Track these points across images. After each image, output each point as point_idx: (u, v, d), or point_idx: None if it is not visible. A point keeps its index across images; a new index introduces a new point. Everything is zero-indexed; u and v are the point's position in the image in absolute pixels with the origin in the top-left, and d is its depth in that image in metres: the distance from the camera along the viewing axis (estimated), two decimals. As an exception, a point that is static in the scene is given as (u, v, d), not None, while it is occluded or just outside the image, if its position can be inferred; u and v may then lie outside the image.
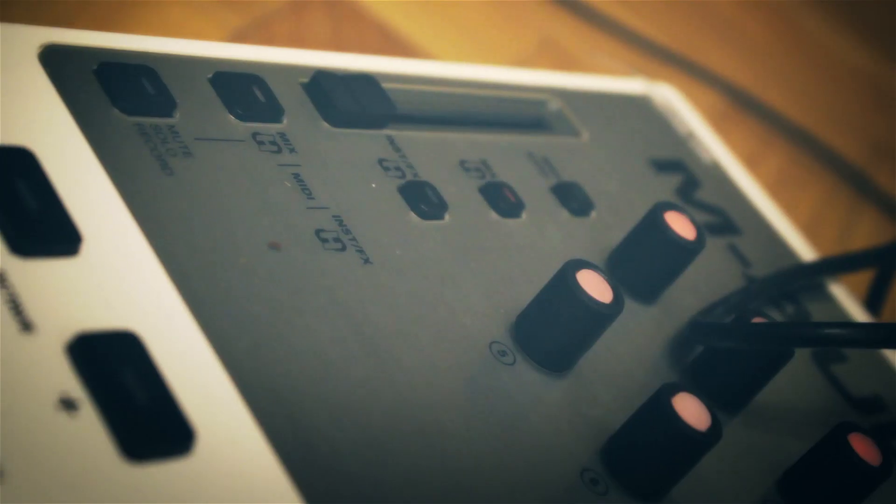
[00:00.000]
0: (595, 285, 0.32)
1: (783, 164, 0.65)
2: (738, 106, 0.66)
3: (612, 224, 0.39)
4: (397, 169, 0.35)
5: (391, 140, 0.36)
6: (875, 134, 0.74)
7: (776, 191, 0.54)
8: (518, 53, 0.58)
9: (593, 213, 0.39)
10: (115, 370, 0.25)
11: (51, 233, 0.26)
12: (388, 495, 0.27)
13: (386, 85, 0.36)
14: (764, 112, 0.67)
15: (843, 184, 0.67)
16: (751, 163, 0.57)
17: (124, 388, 0.25)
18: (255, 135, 0.33)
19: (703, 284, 0.39)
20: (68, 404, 0.24)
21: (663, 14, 0.70)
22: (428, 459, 0.28)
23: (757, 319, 0.35)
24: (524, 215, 0.37)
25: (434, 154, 0.36)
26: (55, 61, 0.30)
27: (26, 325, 0.25)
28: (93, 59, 0.31)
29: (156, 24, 0.44)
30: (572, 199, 0.39)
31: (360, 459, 0.27)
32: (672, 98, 0.48)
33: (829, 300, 0.44)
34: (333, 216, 0.32)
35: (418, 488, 0.27)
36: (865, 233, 0.63)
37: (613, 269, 0.37)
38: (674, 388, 0.31)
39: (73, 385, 0.24)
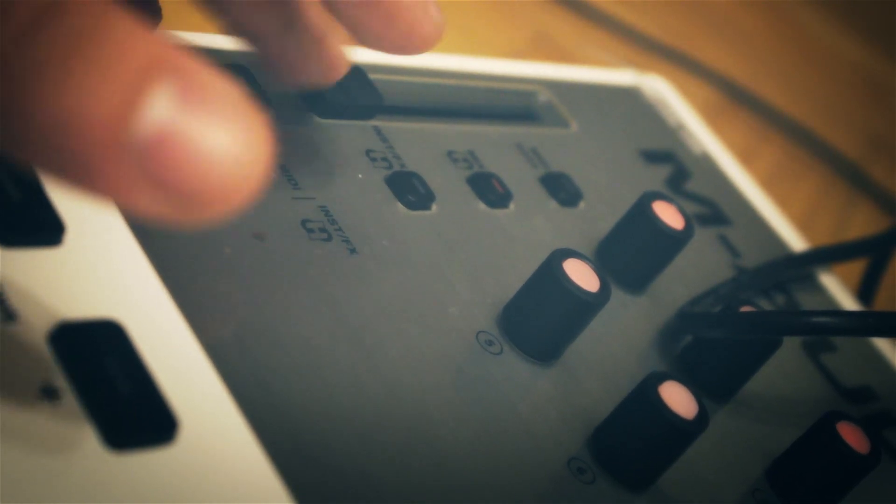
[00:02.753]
0: (582, 274, 0.32)
1: (779, 157, 0.65)
2: (734, 100, 0.66)
3: (600, 214, 0.39)
4: (384, 160, 0.35)
5: (378, 131, 0.36)
6: (870, 128, 0.74)
7: (772, 184, 0.54)
8: (511, 48, 0.58)
9: (582, 204, 0.39)
10: (97, 359, 0.25)
11: (33, 222, 0.26)
12: (374, 485, 0.27)
13: (373, 76, 0.36)
14: (759, 106, 0.67)
15: (838, 177, 0.67)
16: (746, 157, 0.57)
17: (107, 377, 0.25)
18: (240, 126, 0.32)
19: (692, 274, 0.39)
20: (50, 393, 0.24)
21: (659, 9, 0.70)
22: (414, 448, 0.28)
23: (745, 309, 0.35)
24: (512, 206, 0.37)
25: (421, 145, 0.36)
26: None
27: (8, 315, 0.25)
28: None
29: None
30: (561, 189, 0.39)
31: (345, 449, 0.27)
32: (662, 89, 0.48)
33: (821, 290, 0.44)
34: (319, 206, 0.32)
35: (404, 477, 0.27)
36: (860, 226, 0.63)
37: (602, 259, 0.37)
38: (661, 377, 0.31)
39: (55, 374, 0.24)
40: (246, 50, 0.32)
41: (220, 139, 0.20)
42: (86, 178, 0.20)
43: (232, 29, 0.31)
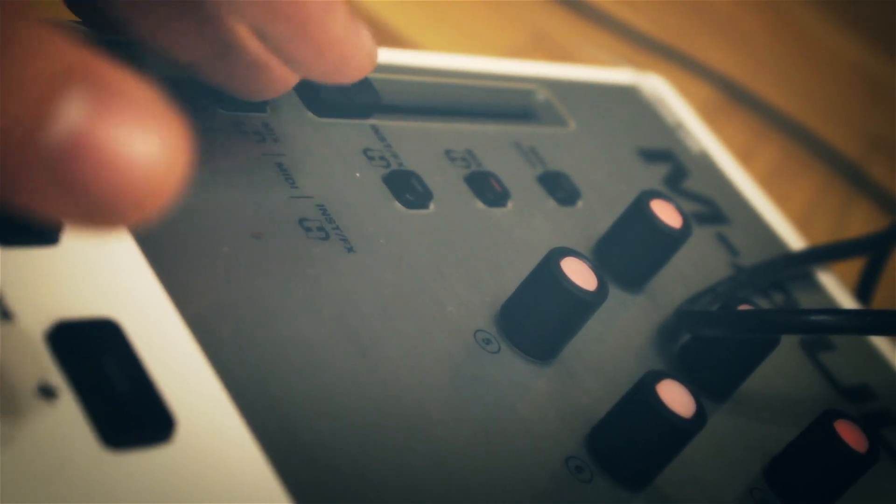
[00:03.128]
0: (579, 273, 0.32)
1: (777, 156, 0.65)
2: (733, 99, 0.66)
3: (598, 213, 0.39)
4: (382, 158, 0.35)
5: (376, 130, 0.36)
6: (869, 127, 0.74)
7: (770, 183, 0.54)
8: (509, 46, 0.58)
9: (580, 203, 0.39)
10: (94, 358, 0.25)
11: (31, 222, 0.26)
12: (372, 484, 0.27)
13: (371, 74, 0.36)
14: (758, 105, 0.67)
15: (837, 176, 0.67)
16: (745, 155, 0.57)
17: (104, 376, 0.25)
18: (238, 124, 0.33)
19: (690, 273, 0.39)
20: (47, 392, 0.24)
21: (658, 8, 0.70)
22: (411, 447, 0.28)
23: (744, 307, 0.35)
24: (510, 204, 0.37)
25: (419, 144, 0.36)
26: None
27: (5, 314, 0.25)
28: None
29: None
30: (559, 188, 0.39)
31: (343, 448, 0.27)
32: (661, 88, 0.48)
33: (819, 289, 0.44)
34: (317, 205, 0.32)
35: (402, 476, 0.27)
36: (859, 225, 0.63)
37: (600, 258, 0.37)
38: (658, 375, 0.31)
39: (52, 373, 0.24)
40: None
41: (133, 145, 0.19)
42: (1, 187, 0.20)
43: (166, 58, 0.31)
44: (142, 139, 0.20)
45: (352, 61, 0.30)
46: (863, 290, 0.47)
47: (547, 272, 0.31)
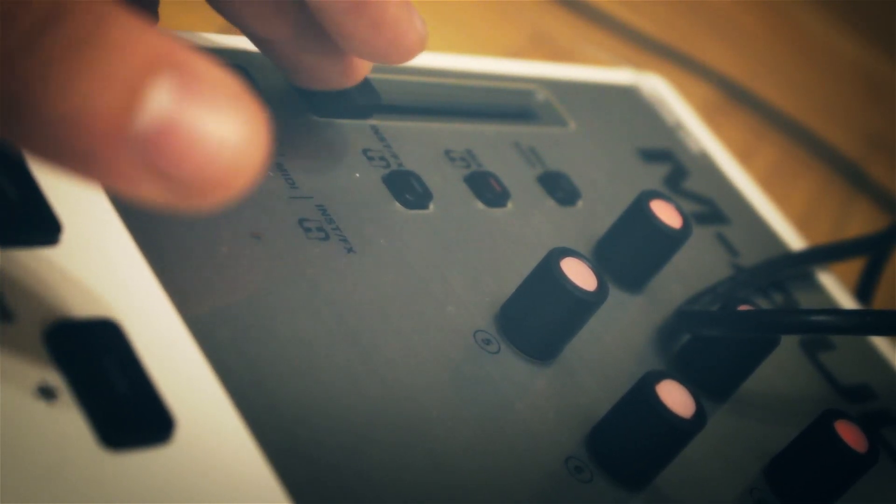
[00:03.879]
0: (579, 273, 0.32)
1: (777, 156, 0.65)
2: (732, 99, 0.66)
3: (598, 213, 0.39)
4: (382, 159, 0.35)
5: (376, 130, 0.36)
6: (869, 126, 0.74)
7: (770, 183, 0.54)
8: (509, 46, 0.58)
9: (580, 203, 0.39)
10: (94, 358, 0.25)
11: (30, 222, 0.26)
12: (371, 484, 0.27)
13: (371, 75, 0.36)
14: (758, 105, 0.67)
15: (837, 176, 0.67)
16: (744, 155, 0.57)
17: (103, 376, 0.25)
18: (238, 125, 0.32)
19: (690, 273, 0.39)
20: (47, 392, 0.24)
21: (658, 8, 0.70)
22: (411, 448, 0.28)
23: (743, 307, 0.35)
24: (510, 205, 0.37)
25: (419, 144, 0.36)
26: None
27: (5, 314, 0.25)
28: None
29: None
30: (559, 188, 0.39)
31: (342, 448, 0.27)
32: (660, 88, 0.48)
33: (819, 289, 0.44)
34: (317, 205, 0.32)
35: (401, 476, 0.27)
36: (859, 225, 0.63)
37: (600, 258, 0.37)
38: (658, 376, 0.31)
39: (51, 373, 0.24)
40: (259, 52, 0.33)
41: (218, 129, 0.21)
42: (90, 169, 0.21)
43: (246, 35, 0.33)
44: (227, 123, 0.21)
45: (405, 40, 0.31)
46: (863, 290, 0.47)
47: (547, 272, 0.31)
